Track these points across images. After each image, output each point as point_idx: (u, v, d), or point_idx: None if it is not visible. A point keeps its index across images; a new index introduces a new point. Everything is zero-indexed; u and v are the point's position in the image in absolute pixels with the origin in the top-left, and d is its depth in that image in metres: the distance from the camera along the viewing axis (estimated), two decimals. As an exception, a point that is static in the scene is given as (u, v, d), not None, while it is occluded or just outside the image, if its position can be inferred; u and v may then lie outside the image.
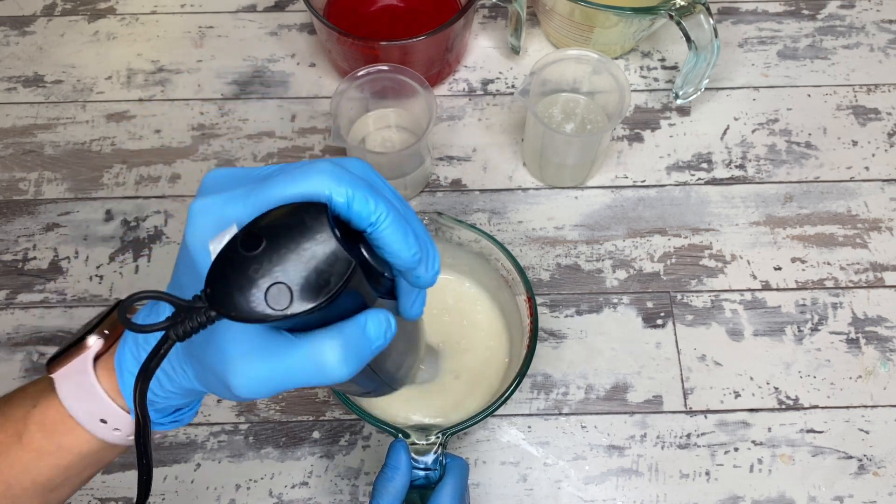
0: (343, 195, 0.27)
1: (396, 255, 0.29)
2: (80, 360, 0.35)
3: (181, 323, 0.26)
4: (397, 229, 0.28)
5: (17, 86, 0.75)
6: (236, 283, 0.25)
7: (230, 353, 0.28)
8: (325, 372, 0.27)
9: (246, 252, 0.25)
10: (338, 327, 0.27)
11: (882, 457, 0.59)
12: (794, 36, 0.78)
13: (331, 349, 0.27)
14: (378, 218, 0.28)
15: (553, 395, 0.62)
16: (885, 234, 0.68)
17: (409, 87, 0.65)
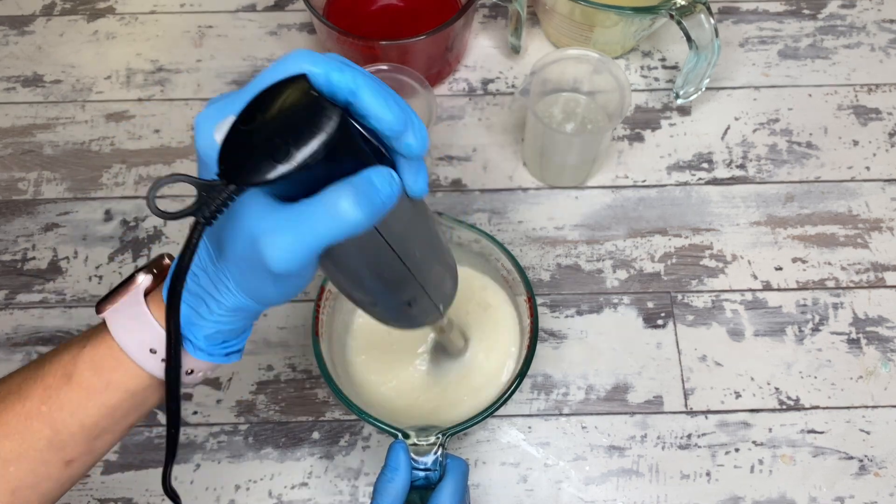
0: (320, 69, 0.29)
1: (381, 119, 0.30)
2: (132, 293, 0.37)
3: (206, 204, 0.29)
4: (377, 94, 0.30)
5: (16, 85, 0.75)
6: (243, 154, 0.28)
7: (257, 232, 0.30)
8: (343, 217, 0.29)
9: (244, 127, 0.28)
10: (346, 180, 0.30)
11: (883, 457, 0.59)
12: (794, 35, 0.77)
13: (342, 196, 0.29)
14: (356, 86, 0.29)
15: (553, 395, 0.61)
16: (886, 234, 0.68)
17: (409, 87, 0.65)
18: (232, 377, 0.62)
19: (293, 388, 0.62)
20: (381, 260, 0.35)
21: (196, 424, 0.60)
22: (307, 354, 0.63)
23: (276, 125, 0.28)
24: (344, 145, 0.29)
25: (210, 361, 0.38)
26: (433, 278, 0.40)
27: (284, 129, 0.28)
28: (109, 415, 0.37)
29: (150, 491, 0.58)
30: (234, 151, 0.28)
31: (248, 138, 0.28)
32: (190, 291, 0.35)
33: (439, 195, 0.70)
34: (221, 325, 0.36)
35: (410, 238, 0.36)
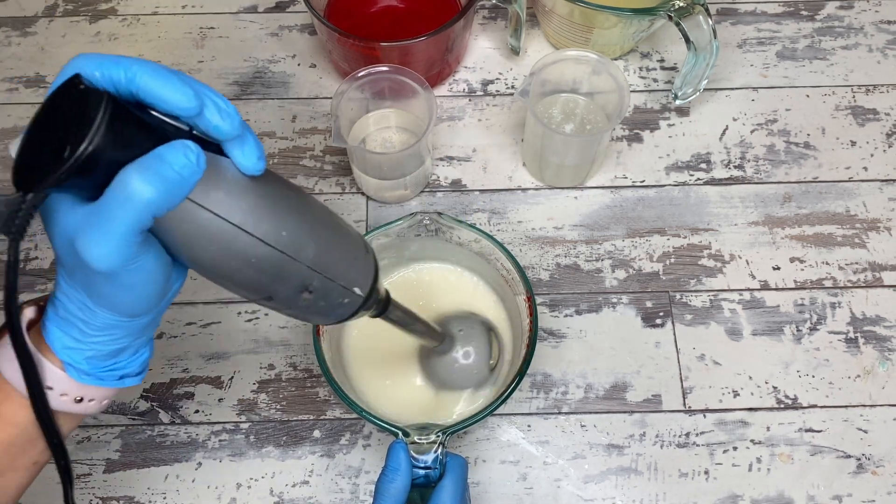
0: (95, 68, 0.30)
1: (168, 100, 0.30)
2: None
3: (11, 220, 0.29)
4: (156, 76, 0.30)
5: (18, 86, 0.75)
6: (29, 163, 0.29)
7: (71, 234, 0.31)
8: (134, 198, 0.29)
9: (28, 135, 0.30)
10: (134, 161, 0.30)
11: (881, 456, 0.60)
12: (792, 37, 0.78)
13: (128, 175, 0.29)
14: (133, 73, 0.30)
15: (553, 394, 0.62)
16: (884, 233, 0.68)
17: (410, 88, 0.65)
18: (233, 376, 0.62)
19: (294, 386, 0.62)
20: (238, 246, 0.33)
21: (197, 423, 0.61)
22: (308, 353, 0.63)
23: (53, 126, 0.29)
24: (126, 127, 0.29)
25: (101, 386, 0.37)
26: (324, 257, 0.36)
27: (60, 127, 0.29)
28: (5, 451, 0.37)
29: (152, 489, 0.59)
30: (23, 162, 0.30)
31: (32, 146, 0.29)
32: (59, 316, 0.35)
33: (439, 195, 0.70)
34: (99, 346, 0.36)
35: (266, 217, 0.34)
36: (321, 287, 0.37)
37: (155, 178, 0.29)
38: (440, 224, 0.57)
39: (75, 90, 0.29)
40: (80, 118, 0.28)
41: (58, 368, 0.36)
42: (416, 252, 0.61)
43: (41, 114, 0.30)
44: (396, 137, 0.70)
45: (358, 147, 0.69)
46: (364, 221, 0.69)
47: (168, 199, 0.30)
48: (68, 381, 0.36)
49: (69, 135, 0.28)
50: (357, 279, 0.39)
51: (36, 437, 0.37)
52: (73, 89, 0.29)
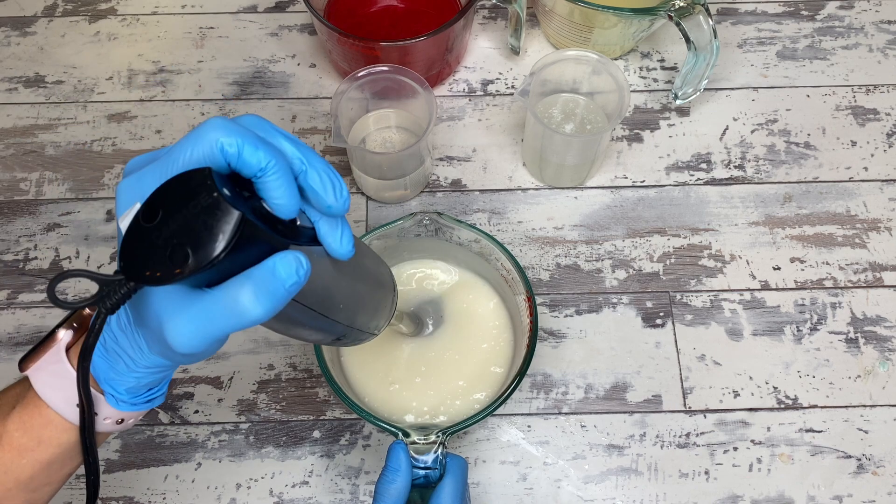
0: (234, 146, 0.29)
1: (278, 207, 0.30)
2: (53, 351, 0.38)
3: (107, 297, 0.30)
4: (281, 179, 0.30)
5: (18, 86, 0.75)
6: (142, 253, 0.28)
7: (162, 315, 0.31)
8: (242, 313, 0.29)
9: (146, 224, 0.28)
10: (247, 272, 0.30)
11: (881, 456, 0.60)
12: (793, 36, 0.78)
13: (241, 292, 0.29)
14: (265, 166, 0.30)
15: (553, 394, 0.62)
16: (884, 234, 0.68)
17: (410, 88, 0.65)
18: (233, 376, 0.62)
19: (294, 387, 0.62)
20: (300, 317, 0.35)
21: (197, 423, 0.61)
22: (308, 353, 0.63)
23: (174, 226, 0.28)
24: (247, 242, 0.29)
25: (132, 411, 0.39)
26: (364, 316, 0.40)
27: (183, 231, 0.28)
28: (44, 469, 0.38)
29: (152, 489, 0.59)
30: (134, 249, 0.29)
31: (147, 236, 0.28)
32: (108, 350, 0.36)
33: (439, 195, 0.70)
34: (141, 380, 0.37)
35: (334, 296, 0.36)
36: (351, 335, 0.41)
37: (266, 298, 0.29)
38: (440, 224, 0.57)
39: (207, 192, 0.28)
40: (208, 228, 0.27)
41: (99, 394, 0.37)
42: (415, 252, 0.61)
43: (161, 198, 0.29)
44: (396, 137, 0.70)
45: (358, 147, 0.68)
46: (364, 221, 0.69)
47: (272, 314, 0.30)
48: (110, 408, 0.38)
49: (191, 240, 0.27)
50: (380, 324, 0.44)
51: (74, 454, 0.39)
52: (202, 187, 0.28)
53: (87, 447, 0.37)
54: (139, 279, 0.28)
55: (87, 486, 0.39)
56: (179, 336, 0.30)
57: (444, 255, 0.61)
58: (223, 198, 0.28)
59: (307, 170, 0.32)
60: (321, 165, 0.32)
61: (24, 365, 0.38)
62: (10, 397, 0.38)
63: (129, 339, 0.35)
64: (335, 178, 0.32)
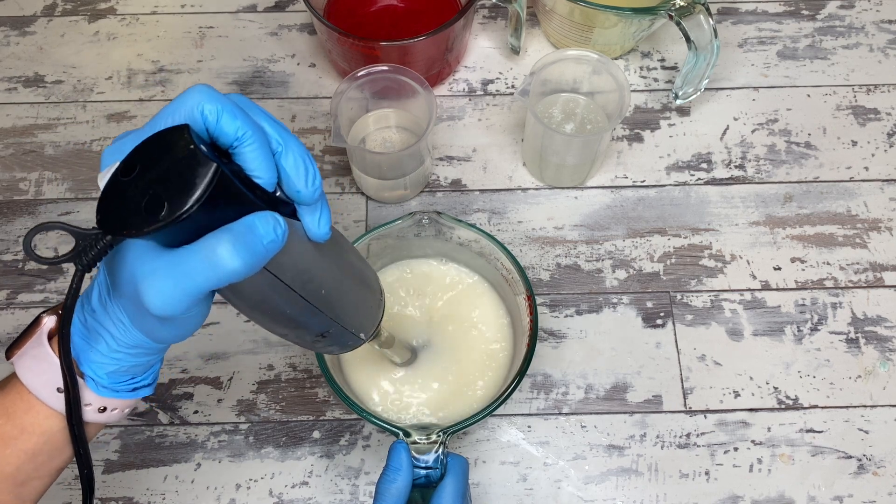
0: (213, 111, 0.30)
1: (258, 176, 0.31)
2: (36, 336, 0.37)
3: (84, 252, 0.30)
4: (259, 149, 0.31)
5: (17, 86, 0.75)
6: (119, 206, 0.29)
7: (138, 275, 0.31)
8: (220, 265, 0.29)
9: (123, 178, 0.29)
10: (226, 227, 0.30)
11: (881, 456, 0.60)
12: (793, 36, 0.78)
13: (220, 243, 0.29)
14: (242, 136, 0.30)
15: (553, 394, 0.62)
16: (885, 234, 0.68)
17: (409, 88, 0.65)
18: (233, 377, 0.62)
19: (294, 387, 0.62)
20: (281, 299, 0.34)
21: (197, 424, 0.61)
22: (307, 354, 0.63)
23: (151, 178, 0.28)
24: (223, 196, 0.29)
25: (115, 398, 0.38)
26: (347, 311, 0.40)
27: (159, 182, 0.28)
28: (30, 461, 0.37)
29: (151, 490, 0.58)
30: (112, 202, 0.29)
31: (125, 189, 0.28)
32: (88, 328, 0.36)
33: (439, 195, 0.70)
34: (122, 362, 0.36)
35: (315, 278, 0.36)
36: (336, 333, 0.40)
37: (244, 250, 0.29)
38: (440, 224, 0.57)
39: (183, 145, 0.28)
40: (184, 179, 0.28)
41: (80, 378, 0.36)
42: (415, 251, 0.61)
43: (139, 154, 0.29)
44: (396, 137, 0.70)
45: (358, 147, 0.68)
46: (364, 221, 0.69)
47: (250, 269, 0.30)
48: (90, 393, 0.37)
49: (167, 191, 0.28)
50: (366, 326, 0.43)
51: (61, 445, 0.38)
52: (180, 141, 0.28)
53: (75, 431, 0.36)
54: (115, 232, 0.29)
55: (82, 480, 0.38)
56: (155, 292, 0.30)
57: (444, 254, 0.61)
58: (199, 150, 0.28)
59: (283, 150, 0.32)
60: (299, 149, 0.32)
61: (10, 353, 0.37)
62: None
63: (109, 313, 0.34)
64: (310, 164, 0.33)
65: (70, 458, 0.39)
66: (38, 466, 0.37)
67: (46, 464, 0.38)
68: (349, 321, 0.41)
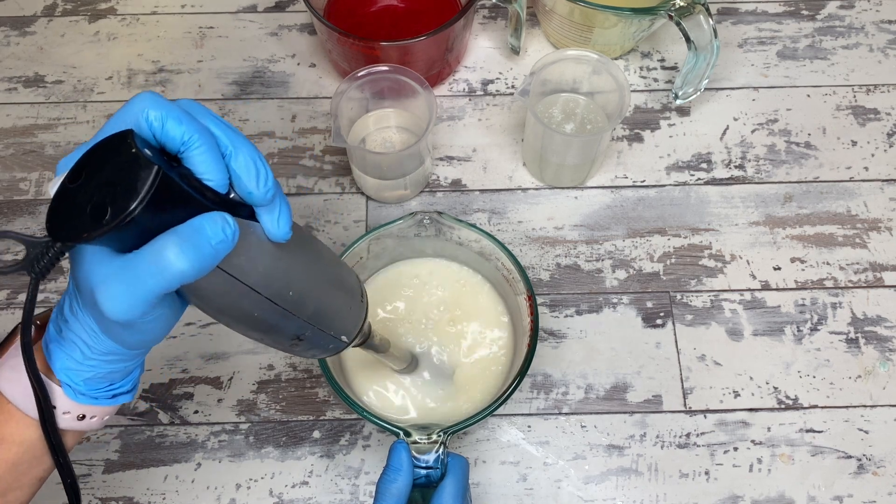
0: (158, 118, 0.30)
1: (208, 179, 0.31)
2: (14, 346, 0.37)
3: (36, 260, 0.30)
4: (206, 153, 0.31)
5: (17, 86, 0.75)
6: (66, 213, 0.29)
7: (93, 282, 0.31)
8: (167, 268, 0.29)
9: (71, 185, 0.29)
10: (173, 229, 0.30)
11: (881, 456, 0.60)
12: (793, 36, 0.78)
13: (166, 246, 0.29)
14: (189, 140, 0.30)
15: (553, 394, 0.62)
16: (885, 234, 0.68)
17: (410, 88, 0.65)
18: (233, 376, 0.62)
19: (294, 387, 0.62)
20: (246, 301, 0.34)
21: (197, 423, 0.61)
22: (308, 354, 0.63)
23: (96, 183, 0.29)
24: (169, 199, 0.29)
25: (94, 405, 0.38)
26: (321, 313, 0.39)
27: (103, 187, 0.28)
28: (10, 471, 0.37)
29: (151, 490, 0.58)
30: (60, 209, 0.29)
31: (72, 196, 0.29)
32: (62, 337, 0.36)
33: (439, 195, 0.70)
34: (97, 369, 0.36)
35: (280, 279, 0.35)
36: (312, 336, 0.39)
37: (191, 252, 0.29)
38: (440, 224, 0.57)
39: (126, 150, 0.29)
40: (127, 183, 0.28)
41: (52, 382, 0.36)
42: (416, 251, 0.61)
43: (85, 161, 0.29)
44: (396, 137, 0.70)
45: (358, 147, 0.68)
46: (364, 221, 0.69)
47: (199, 271, 0.30)
48: (69, 400, 0.37)
49: (112, 196, 0.28)
50: (346, 328, 0.42)
51: (41, 454, 0.38)
52: (123, 146, 0.29)
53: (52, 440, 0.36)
54: (64, 238, 0.29)
55: (66, 491, 0.38)
56: (109, 299, 0.30)
57: (444, 254, 0.61)
58: (141, 153, 0.28)
59: (233, 153, 0.32)
60: (248, 150, 0.32)
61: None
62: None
63: (80, 321, 0.34)
64: (261, 165, 0.33)
65: (51, 468, 0.39)
66: (19, 476, 0.37)
67: (27, 473, 0.38)
68: (325, 323, 0.40)
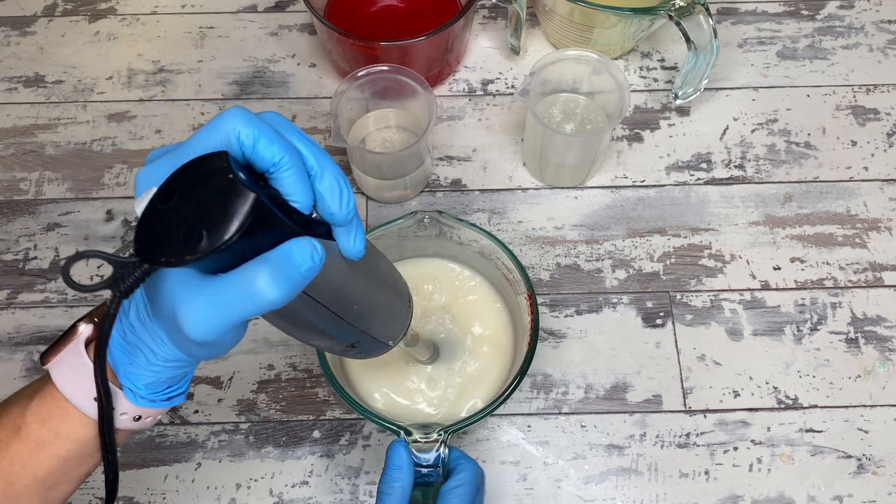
0: (250, 136, 0.30)
1: (296, 200, 0.31)
2: (73, 344, 0.37)
3: (121, 279, 0.29)
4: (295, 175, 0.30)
5: (17, 86, 0.75)
6: (157, 235, 0.28)
7: (177, 301, 0.31)
8: (258, 296, 0.29)
9: (162, 206, 0.28)
10: (263, 256, 0.30)
11: (881, 456, 0.60)
12: (793, 36, 0.78)
13: (257, 274, 0.29)
14: (279, 161, 0.30)
15: (553, 394, 0.62)
16: (885, 233, 0.68)
17: (409, 88, 0.65)
18: (233, 376, 0.62)
19: (294, 387, 0.62)
20: (313, 315, 0.35)
21: (197, 423, 0.61)
22: (308, 353, 0.63)
23: (190, 207, 0.28)
24: (261, 224, 0.28)
25: (151, 407, 0.38)
26: (378, 323, 0.40)
27: (198, 212, 0.28)
28: (61, 465, 0.37)
29: (151, 489, 0.58)
30: (149, 230, 0.28)
31: (162, 218, 0.28)
32: (128, 342, 0.36)
33: (439, 195, 0.70)
34: (160, 374, 0.36)
35: (348, 295, 0.36)
36: (365, 343, 0.41)
37: (281, 280, 0.29)
38: (441, 223, 0.57)
39: (222, 174, 0.28)
40: (223, 209, 0.27)
41: (117, 387, 0.37)
42: (416, 251, 0.61)
43: (177, 181, 0.29)
44: (396, 137, 0.70)
45: (358, 147, 0.68)
46: (364, 221, 0.69)
47: (288, 298, 0.30)
48: (128, 403, 0.37)
49: (207, 222, 0.27)
50: (394, 334, 0.44)
51: (91, 451, 0.38)
52: (219, 170, 0.28)
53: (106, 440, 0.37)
54: (153, 261, 0.28)
55: (107, 484, 0.38)
56: (193, 322, 0.30)
57: (445, 254, 0.61)
58: (238, 179, 0.28)
59: (319, 173, 0.32)
60: (334, 171, 0.32)
61: (45, 359, 0.38)
62: (31, 390, 0.38)
63: (148, 330, 0.35)
64: (344, 186, 0.32)
65: (97, 465, 0.39)
66: (69, 471, 0.38)
67: (75, 469, 0.38)
68: (379, 332, 0.41)
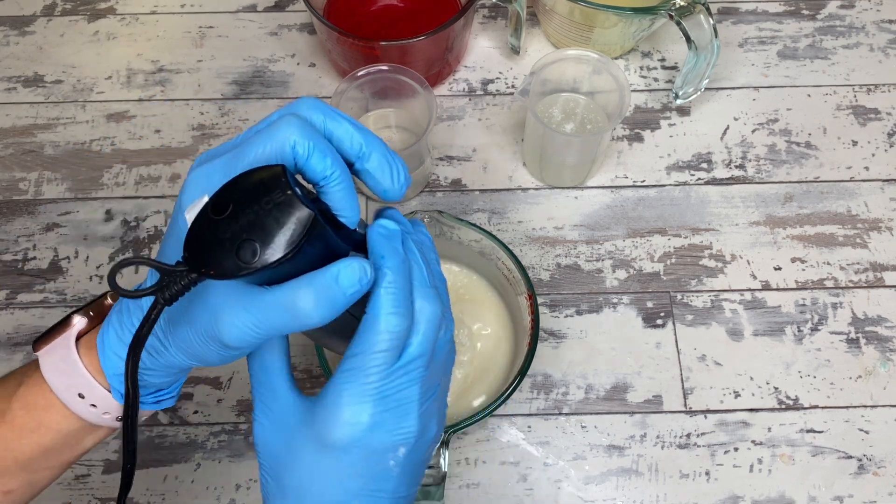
0: (304, 148, 0.30)
1: (343, 216, 0.31)
2: (64, 336, 0.37)
3: (167, 287, 0.29)
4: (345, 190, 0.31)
5: (16, 86, 0.75)
6: (209, 246, 0.28)
7: (217, 306, 0.30)
8: (300, 318, 0.30)
9: (215, 216, 0.28)
10: (309, 276, 0.29)
11: (882, 457, 0.60)
12: (794, 36, 0.78)
13: (302, 296, 0.29)
14: (331, 175, 0.30)
15: (553, 394, 0.62)
16: (885, 234, 0.68)
17: (409, 87, 0.65)
18: (232, 376, 0.62)
19: (293, 387, 0.62)
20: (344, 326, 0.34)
21: (197, 424, 0.61)
22: (307, 354, 0.63)
23: (245, 220, 0.27)
24: (315, 241, 0.28)
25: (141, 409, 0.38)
26: None
27: (252, 226, 0.27)
28: (43, 454, 0.37)
29: (151, 490, 0.58)
30: (201, 240, 0.28)
31: (215, 229, 0.28)
32: (124, 343, 0.36)
33: (439, 195, 0.70)
34: (152, 378, 0.36)
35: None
36: None
37: (326, 304, 0.29)
38: (441, 223, 0.57)
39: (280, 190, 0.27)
40: (280, 226, 0.27)
41: (97, 383, 0.36)
42: (415, 252, 0.61)
43: (231, 192, 0.28)
44: (396, 137, 0.70)
45: (358, 147, 0.68)
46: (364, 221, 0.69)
47: (329, 319, 0.30)
48: (105, 398, 0.37)
49: (261, 236, 0.27)
50: None
51: (73, 442, 0.38)
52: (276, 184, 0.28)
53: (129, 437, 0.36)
54: (203, 272, 0.28)
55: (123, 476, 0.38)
56: (234, 329, 0.30)
57: (445, 254, 0.61)
58: (297, 196, 0.27)
59: (367, 153, 0.32)
60: (381, 149, 0.32)
61: (37, 346, 0.38)
62: (20, 374, 0.38)
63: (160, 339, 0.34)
64: (393, 161, 0.32)
65: (81, 454, 0.39)
66: (50, 459, 0.38)
67: (57, 457, 0.38)
68: None
